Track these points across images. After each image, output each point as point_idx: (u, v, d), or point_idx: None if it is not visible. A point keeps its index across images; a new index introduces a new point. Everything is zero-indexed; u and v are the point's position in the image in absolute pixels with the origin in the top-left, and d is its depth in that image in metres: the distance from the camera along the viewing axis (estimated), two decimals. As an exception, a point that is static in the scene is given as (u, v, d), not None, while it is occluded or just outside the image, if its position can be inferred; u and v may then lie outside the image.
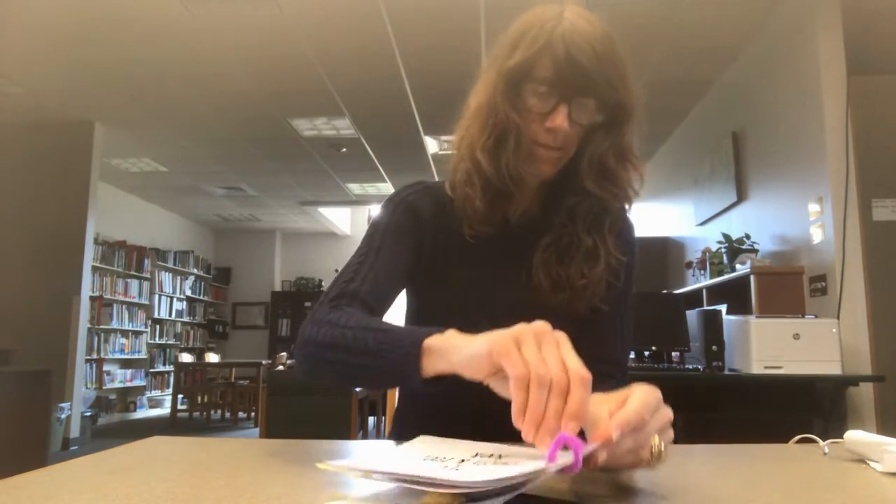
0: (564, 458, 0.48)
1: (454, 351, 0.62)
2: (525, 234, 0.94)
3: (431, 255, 0.94)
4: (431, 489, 0.46)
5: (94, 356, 7.18)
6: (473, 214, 0.91)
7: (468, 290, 0.93)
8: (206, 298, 10.13)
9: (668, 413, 0.58)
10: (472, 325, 0.91)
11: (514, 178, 0.86)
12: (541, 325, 0.56)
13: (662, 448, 0.55)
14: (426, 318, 0.95)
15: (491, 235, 0.93)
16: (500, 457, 0.55)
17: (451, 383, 0.65)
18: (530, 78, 0.83)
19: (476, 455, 0.56)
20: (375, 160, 6.76)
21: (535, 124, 0.84)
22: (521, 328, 0.56)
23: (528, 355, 0.53)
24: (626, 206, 0.94)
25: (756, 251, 3.80)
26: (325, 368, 0.77)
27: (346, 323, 0.76)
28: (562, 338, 0.55)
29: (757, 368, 2.62)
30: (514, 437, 0.55)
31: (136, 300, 8.12)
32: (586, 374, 0.51)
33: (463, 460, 0.54)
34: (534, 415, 0.50)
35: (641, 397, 0.56)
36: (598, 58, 0.80)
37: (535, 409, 0.50)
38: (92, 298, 6.50)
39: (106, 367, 7.46)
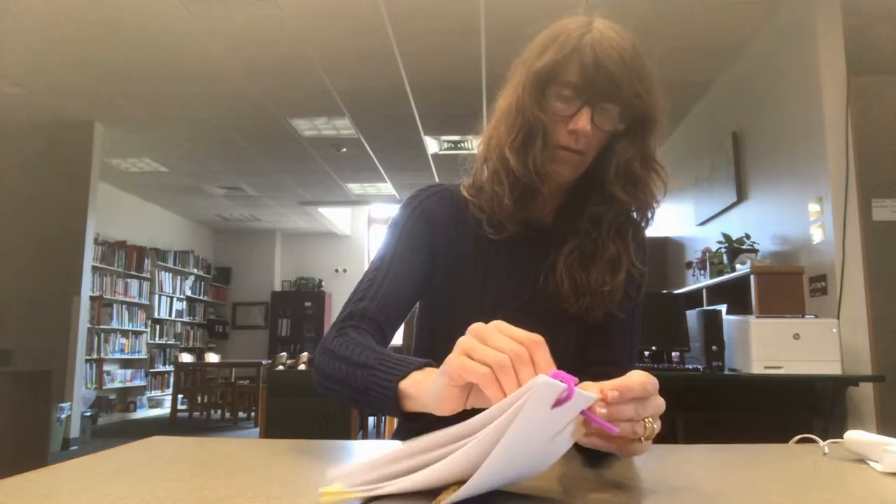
0: (556, 388, 0.47)
1: (425, 393, 0.63)
2: (542, 238, 0.95)
3: (446, 257, 0.95)
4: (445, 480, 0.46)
5: (94, 356, 7.18)
6: (501, 212, 0.92)
7: (482, 290, 0.94)
8: (206, 298, 10.13)
9: (662, 402, 0.58)
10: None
11: (541, 176, 0.88)
12: (476, 325, 0.56)
13: (655, 429, 0.56)
14: (439, 317, 0.96)
15: (507, 238, 0.94)
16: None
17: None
18: (557, 80, 0.85)
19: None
20: (375, 160, 6.76)
21: (558, 126, 0.86)
22: (460, 340, 0.56)
23: (480, 356, 0.53)
24: (649, 215, 0.95)
25: (756, 251, 3.80)
26: (333, 396, 0.82)
27: (343, 354, 0.79)
28: (500, 323, 0.56)
29: (757, 368, 2.62)
30: None
31: (136, 300, 8.12)
32: (537, 337, 0.53)
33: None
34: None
35: (642, 377, 0.56)
36: (625, 65, 0.83)
37: (512, 390, 0.51)
38: (92, 298, 6.50)
39: (106, 367, 7.46)
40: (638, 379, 0.55)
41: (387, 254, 0.93)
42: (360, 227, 10.96)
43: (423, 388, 0.64)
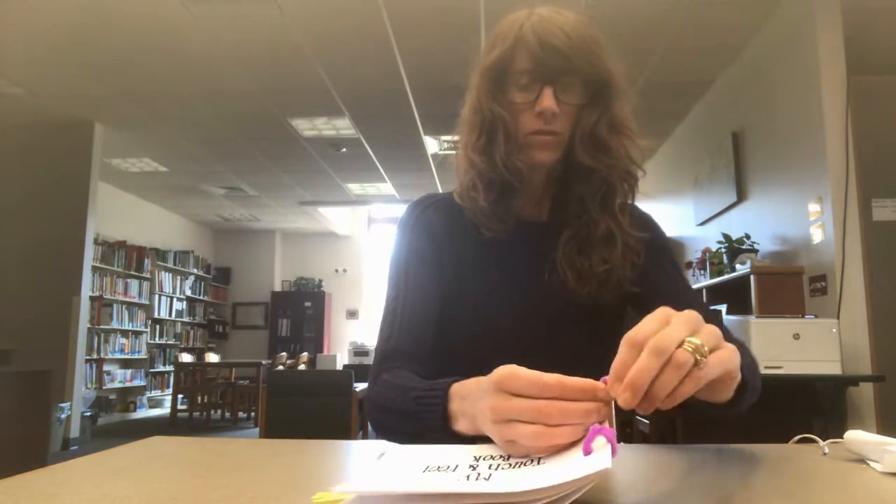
0: (602, 451, 0.45)
1: (478, 428, 0.60)
2: (541, 234, 0.95)
3: (450, 266, 0.95)
4: None
5: (94, 356, 7.18)
6: (482, 215, 0.92)
7: (488, 295, 0.93)
8: (206, 298, 10.14)
9: (686, 320, 0.52)
10: (493, 328, 0.92)
11: (512, 171, 0.88)
12: (492, 396, 0.53)
13: (695, 346, 0.49)
14: (446, 324, 0.94)
15: (507, 238, 0.93)
16: (508, 457, 0.52)
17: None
18: (509, 72, 0.86)
19: (485, 459, 0.52)
20: (375, 160, 6.77)
21: (524, 114, 0.87)
22: (488, 407, 0.53)
23: (515, 435, 0.50)
24: (633, 184, 0.94)
25: (756, 251, 3.80)
26: (395, 439, 0.82)
27: (385, 405, 0.79)
28: (511, 376, 0.52)
29: (757, 368, 2.62)
30: None
31: (136, 300, 8.12)
32: (557, 380, 0.50)
33: (475, 465, 0.50)
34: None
35: (633, 331, 0.51)
36: (569, 38, 0.84)
37: (563, 438, 0.49)
38: (92, 298, 6.51)
39: (106, 367, 7.46)
40: (624, 339, 0.51)
41: (400, 281, 0.92)
42: (360, 227, 10.96)
43: (476, 430, 0.62)
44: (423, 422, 0.69)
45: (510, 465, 0.50)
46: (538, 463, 0.49)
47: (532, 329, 0.92)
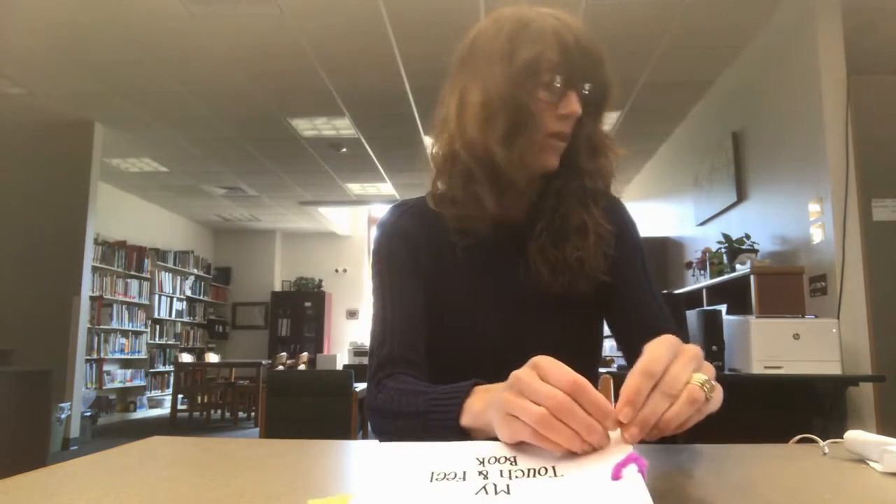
0: (635, 486, 0.43)
1: (489, 426, 0.60)
2: (517, 234, 0.94)
3: (429, 270, 0.94)
4: None
5: (94, 356, 7.18)
6: (481, 213, 0.89)
7: (471, 298, 0.93)
8: (206, 298, 10.13)
9: (691, 356, 0.55)
10: (479, 333, 0.92)
11: (526, 168, 0.86)
12: (514, 375, 0.54)
13: (705, 380, 0.53)
14: (435, 330, 0.94)
15: (484, 240, 0.92)
16: (515, 460, 0.51)
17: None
18: (542, 69, 0.84)
19: (491, 462, 0.51)
20: (375, 160, 6.76)
21: (545, 114, 0.84)
22: (502, 396, 0.54)
23: (521, 412, 0.51)
24: (608, 185, 0.95)
25: (756, 251, 3.80)
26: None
27: (392, 409, 0.80)
28: (537, 366, 0.53)
29: (757, 368, 2.62)
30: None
31: (136, 300, 8.12)
32: (578, 379, 0.50)
33: (484, 472, 0.49)
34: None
35: (643, 362, 0.53)
36: (596, 45, 0.85)
37: (564, 441, 0.49)
38: (92, 298, 6.50)
39: (106, 367, 7.46)
40: (639, 369, 0.52)
41: (385, 290, 0.93)
42: (360, 227, 10.96)
43: (485, 421, 0.62)
44: (432, 420, 0.70)
45: (523, 472, 0.49)
46: (554, 474, 0.48)
47: (518, 329, 0.92)
